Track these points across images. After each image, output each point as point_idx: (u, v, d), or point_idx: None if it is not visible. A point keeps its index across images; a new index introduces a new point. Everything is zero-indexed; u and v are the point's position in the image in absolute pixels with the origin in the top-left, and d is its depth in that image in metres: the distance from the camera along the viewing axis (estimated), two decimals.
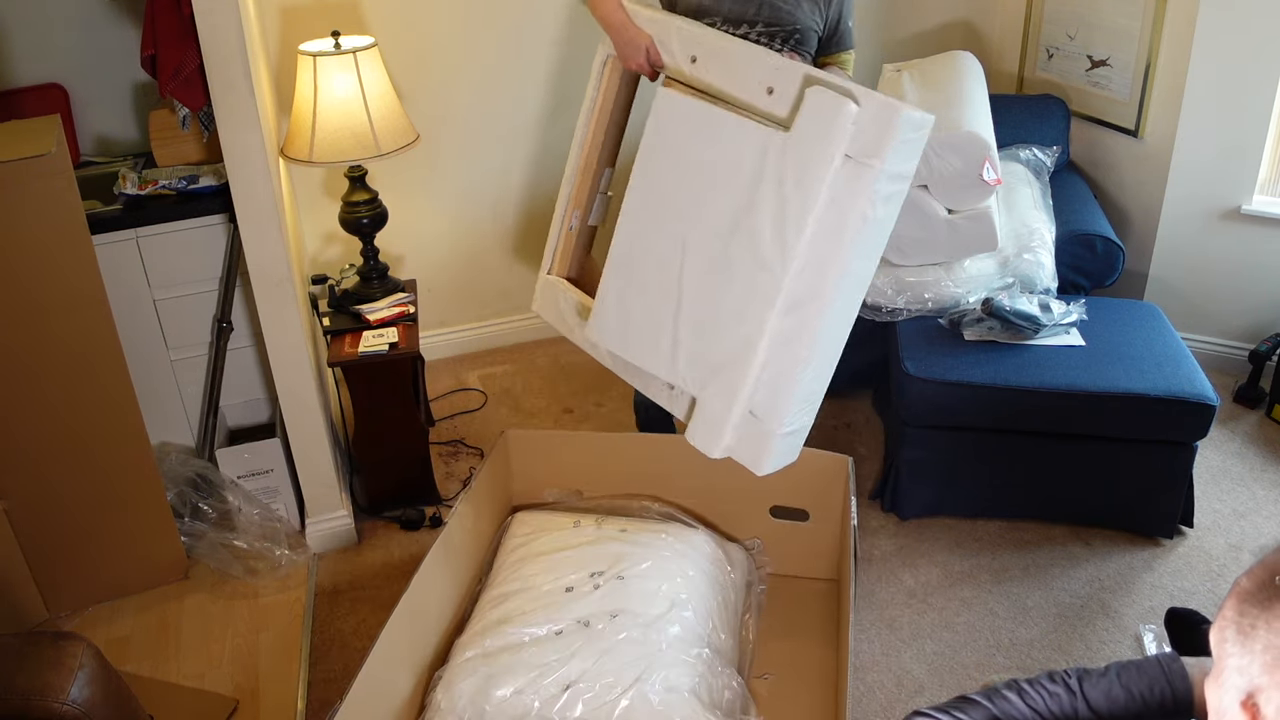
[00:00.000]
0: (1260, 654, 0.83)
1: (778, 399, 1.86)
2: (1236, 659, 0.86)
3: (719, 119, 1.90)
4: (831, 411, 3.13)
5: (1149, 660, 1.21)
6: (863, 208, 1.73)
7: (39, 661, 1.54)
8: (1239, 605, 0.87)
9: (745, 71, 1.89)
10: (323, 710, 2.13)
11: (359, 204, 2.66)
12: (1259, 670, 0.83)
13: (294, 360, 2.41)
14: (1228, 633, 0.88)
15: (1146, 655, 1.23)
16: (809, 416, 1.94)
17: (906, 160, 1.76)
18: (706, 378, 1.94)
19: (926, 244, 2.73)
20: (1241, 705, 0.85)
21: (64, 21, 2.61)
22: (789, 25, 2.15)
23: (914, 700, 2.13)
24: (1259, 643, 0.84)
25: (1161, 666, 1.20)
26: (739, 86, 1.90)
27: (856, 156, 1.72)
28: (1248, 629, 0.85)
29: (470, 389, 3.36)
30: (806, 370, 1.84)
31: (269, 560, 2.50)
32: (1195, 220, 3.10)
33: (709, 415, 1.93)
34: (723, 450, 1.93)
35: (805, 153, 1.76)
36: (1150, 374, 2.44)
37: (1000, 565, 2.50)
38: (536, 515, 2.40)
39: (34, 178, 2.01)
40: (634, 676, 1.88)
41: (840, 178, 1.74)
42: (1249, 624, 0.85)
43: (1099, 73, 3.26)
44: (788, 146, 1.78)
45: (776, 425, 1.86)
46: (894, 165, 1.73)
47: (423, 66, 3.09)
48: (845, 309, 1.86)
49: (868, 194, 1.73)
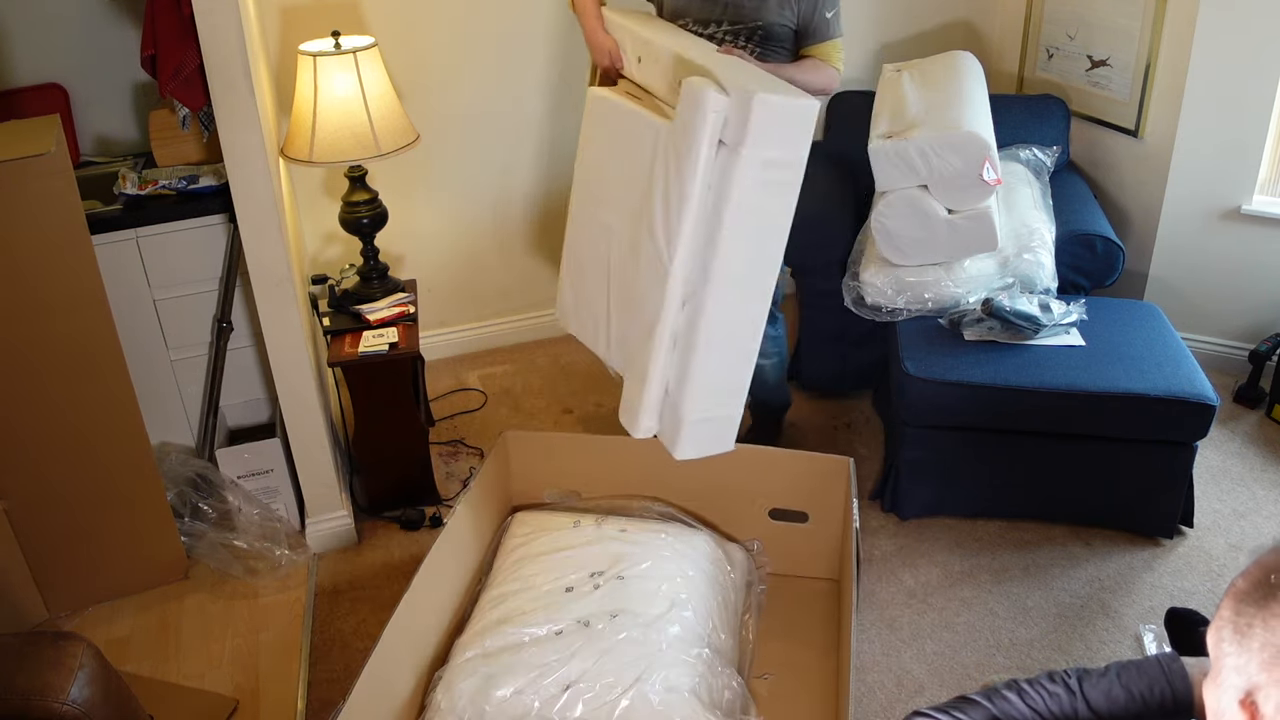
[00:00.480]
0: (1258, 652, 0.84)
1: (685, 385, 1.90)
2: (1234, 658, 0.86)
3: (628, 113, 2.02)
4: (831, 411, 3.13)
5: (1149, 660, 1.21)
6: (738, 195, 1.79)
7: (39, 661, 1.54)
8: (1235, 605, 0.88)
9: (667, 69, 1.98)
10: (323, 710, 2.13)
11: (359, 204, 2.66)
12: (1256, 668, 0.84)
13: (294, 360, 2.41)
14: (1224, 633, 0.88)
15: (1147, 655, 1.23)
16: (729, 409, 1.97)
17: (784, 147, 1.80)
18: (627, 360, 2.00)
19: (926, 244, 2.73)
20: (1240, 704, 0.85)
21: (64, 21, 2.61)
22: (752, 22, 2.24)
23: (914, 700, 2.13)
24: (1256, 641, 0.84)
25: (1161, 666, 1.20)
26: (662, 84, 2.01)
27: (730, 144, 1.78)
28: (1244, 628, 0.85)
29: (470, 389, 3.36)
30: (709, 357, 1.87)
31: (269, 560, 2.50)
32: (1195, 220, 3.10)
33: (629, 396, 1.99)
34: (643, 431, 1.98)
35: (680, 141, 1.82)
36: (1150, 374, 2.44)
37: (1000, 565, 2.50)
38: (536, 515, 2.40)
39: (34, 178, 2.01)
40: (634, 676, 1.88)
41: (715, 166, 1.80)
42: (1245, 623, 0.85)
43: (1099, 73, 3.26)
44: (669, 136, 1.86)
45: (687, 412, 1.90)
46: (767, 152, 1.77)
47: (423, 66, 3.09)
48: (743, 299, 1.89)
49: (742, 181, 1.78)
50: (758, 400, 2.90)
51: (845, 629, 2.02)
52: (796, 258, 2.96)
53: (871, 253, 2.85)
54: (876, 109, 2.96)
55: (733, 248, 1.82)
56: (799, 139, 1.82)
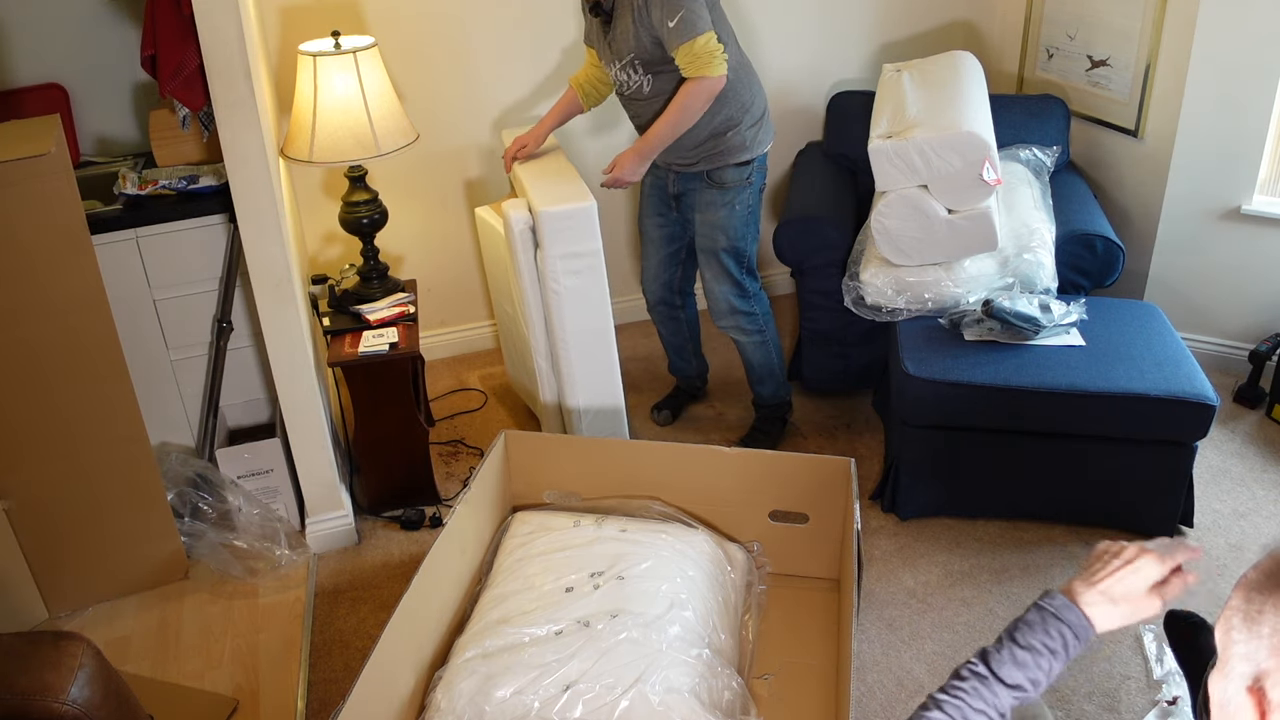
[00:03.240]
0: (1268, 637, 0.84)
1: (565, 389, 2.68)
2: (1243, 645, 0.86)
3: (493, 230, 2.75)
4: (831, 411, 3.13)
5: (1030, 610, 1.21)
6: (550, 283, 2.50)
7: (39, 661, 1.54)
8: (1245, 594, 0.88)
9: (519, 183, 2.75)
10: (323, 710, 2.13)
11: (359, 204, 2.66)
12: (1266, 654, 0.84)
13: (294, 360, 2.41)
14: (1234, 620, 0.88)
15: (1027, 608, 1.23)
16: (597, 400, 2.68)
17: (574, 241, 2.46)
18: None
19: (926, 244, 2.73)
20: (1248, 691, 0.85)
21: (64, 21, 2.62)
22: (627, 55, 2.46)
23: (914, 700, 2.13)
24: (1266, 626, 0.85)
25: (1043, 610, 1.20)
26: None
27: (540, 245, 2.48)
28: (1255, 615, 0.86)
29: (470, 389, 3.36)
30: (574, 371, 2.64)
31: (269, 560, 2.50)
32: (1195, 220, 3.10)
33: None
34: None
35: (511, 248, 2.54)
36: (1150, 374, 2.44)
37: (1000, 565, 2.50)
38: (536, 515, 2.40)
39: (34, 178, 2.01)
40: (634, 677, 1.88)
41: (533, 263, 2.51)
42: (1256, 610, 0.86)
43: (1099, 73, 3.26)
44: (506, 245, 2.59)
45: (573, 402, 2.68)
46: (562, 248, 2.46)
47: (423, 66, 3.09)
48: (585, 347, 2.60)
49: (550, 271, 2.48)
50: (753, 391, 2.97)
51: (845, 629, 2.02)
52: (796, 258, 2.97)
53: (871, 253, 2.85)
54: (876, 109, 2.96)
55: (564, 318, 2.54)
56: (586, 234, 2.46)
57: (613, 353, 2.65)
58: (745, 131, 2.57)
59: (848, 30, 3.56)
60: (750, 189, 2.64)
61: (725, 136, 2.55)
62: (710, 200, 2.65)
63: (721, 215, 2.64)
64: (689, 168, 2.63)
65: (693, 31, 2.33)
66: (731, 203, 2.63)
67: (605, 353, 2.63)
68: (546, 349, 2.63)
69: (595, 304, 2.55)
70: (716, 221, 2.66)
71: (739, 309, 2.77)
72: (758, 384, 2.94)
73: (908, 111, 2.80)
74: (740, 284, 2.74)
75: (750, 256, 2.73)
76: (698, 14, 2.33)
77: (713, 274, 2.74)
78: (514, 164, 2.78)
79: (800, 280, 3.04)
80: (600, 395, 2.68)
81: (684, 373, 3.17)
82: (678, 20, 2.32)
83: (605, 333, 2.60)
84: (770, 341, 2.85)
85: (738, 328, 2.81)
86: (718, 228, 2.66)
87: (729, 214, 2.64)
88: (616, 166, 2.56)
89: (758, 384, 2.94)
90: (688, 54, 2.36)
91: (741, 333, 2.82)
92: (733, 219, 2.64)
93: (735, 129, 2.55)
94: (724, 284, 2.74)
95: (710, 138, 2.55)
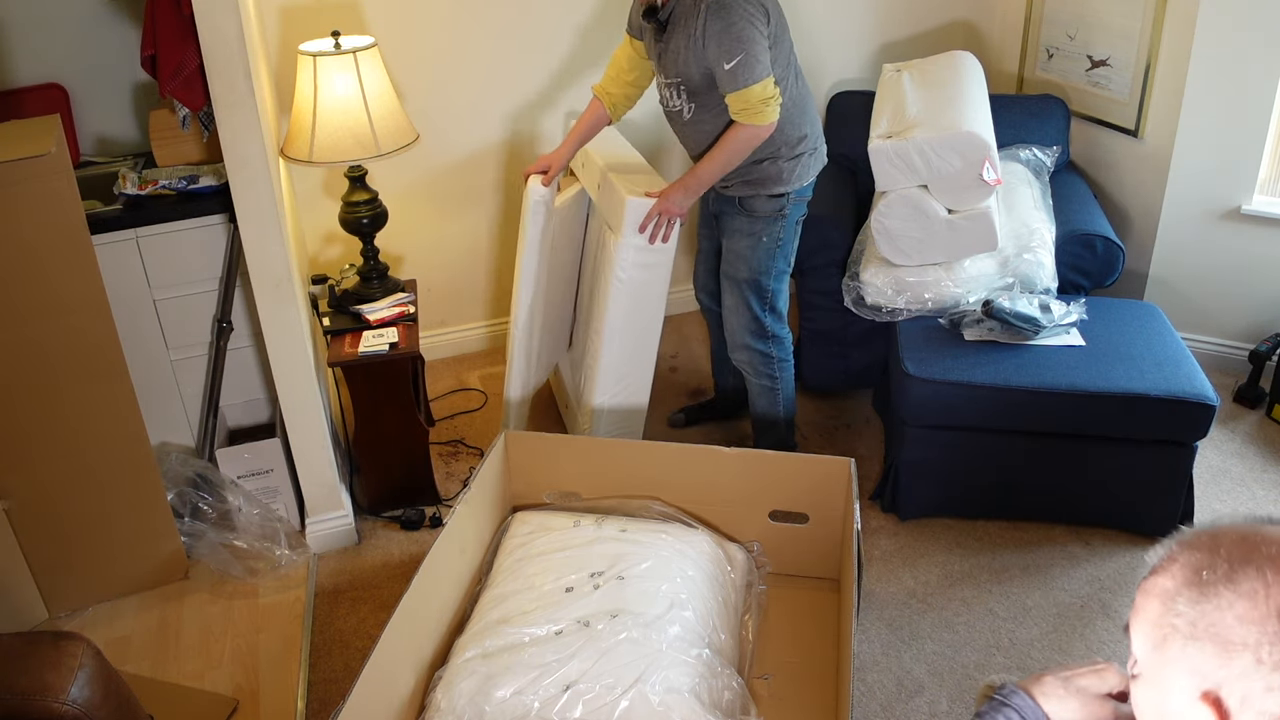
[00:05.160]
0: (1211, 648, 0.83)
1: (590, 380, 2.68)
2: (1181, 661, 0.85)
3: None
4: (831, 411, 3.13)
5: (983, 704, 1.20)
6: (617, 270, 2.46)
7: (39, 661, 1.54)
8: (1166, 605, 0.87)
9: (594, 172, 2.75)
10: (323, 710, 2.13)
11: (359, 204, 2.66)
12: (1214, 666, 0.83)
13: (294, 360, 2.41)
14: (1160, 635, 0.87)
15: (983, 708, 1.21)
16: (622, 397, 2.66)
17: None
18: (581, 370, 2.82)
19: (926, 244, 2.73)
20: (1202, 699, 0.84)
21: (64, 21, 2.61)
22: (674, 77, 2.39)
23: (914, 700, 2.13)
24: (1204, 636, 0.83)
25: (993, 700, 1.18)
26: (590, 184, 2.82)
27: (618, 231, 2.45)
28: (1188, 629, 0.84)
29: (470, 389, 3.36)
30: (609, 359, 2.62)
31: (269, 560, 2.50)
32: (1195, 220, 3.10)
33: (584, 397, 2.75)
34: None
35: (566, 223, 2.67)
36: (1150, 374, 2.44)
37: (1000, 565, 2.50)
38: (536, 515, 2.40)
39: (34, 178, 2.01)
40: (634, 677, 1.88)
41: (601, 246, 2.54)
42: (1187, 624, 0.85)
43: (1099, 73, 3.26)
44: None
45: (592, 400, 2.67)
46: (642, 239, 2.42)
47: (423, 66, 3.09)
48: (629, 343, 2.57)
49: (621, 259, 2.45)
50: (754, 437, 2.83)
51: (845, 629, 2.02)
52: (796, 257, 2.97)
53: (871, 253, 2.85)
54: (876, 109, 2.96)
55: (615, 308, 2.51)
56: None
57: (653, 353, 2.62)
58: (783, 163, 2.44)
59: (848, 30, 3.56)
60: (783, 222, 2.50)
61: (761, 165, 2.43)
62: (739, 227, 2.53)
63: (746, 245, 2.52)
64: (724, 190, 2.52)
65: (750, 78, 2.22)
66: (760, 234, 2.50)
67: (645, 352, 2.61)
68: (566, 329, 2.69)
69: (652, 301, 2.53)
70: (741, 251, 2.53)
71: (752, 346, 2.62)
72: (758, 434, 2.79)
73: (908, 111, 2.80)
74: (759, 320, 2.58)
75: (774, 294, 2.57)
76: (757, 58, 2.21)
77: (731, 303, 2.60)
78: (581, 151, 2.74)
79: (800, 280, 3.04)
80: (628, 394, 2.65)
81: (722, 386, 3.06)
82: (735, 63, 2.21)
83: (652, 331, 2.58)
84: (781, 391, 2.69)
85: (749, 365, 2.66)
86: (741, 257, 2.53)
87: (754, 245, 2.51)
88: (663, 197, 2.41)
89: (758, 434, 2.79)
90: (742, 100, 2.26)
91: (752, 371, 2.66)
92: (758, 251, 2.51)
93: (773, 159, 2.43)
94: (740, 316, 2.59)
95: (746, 165, 2.43)
